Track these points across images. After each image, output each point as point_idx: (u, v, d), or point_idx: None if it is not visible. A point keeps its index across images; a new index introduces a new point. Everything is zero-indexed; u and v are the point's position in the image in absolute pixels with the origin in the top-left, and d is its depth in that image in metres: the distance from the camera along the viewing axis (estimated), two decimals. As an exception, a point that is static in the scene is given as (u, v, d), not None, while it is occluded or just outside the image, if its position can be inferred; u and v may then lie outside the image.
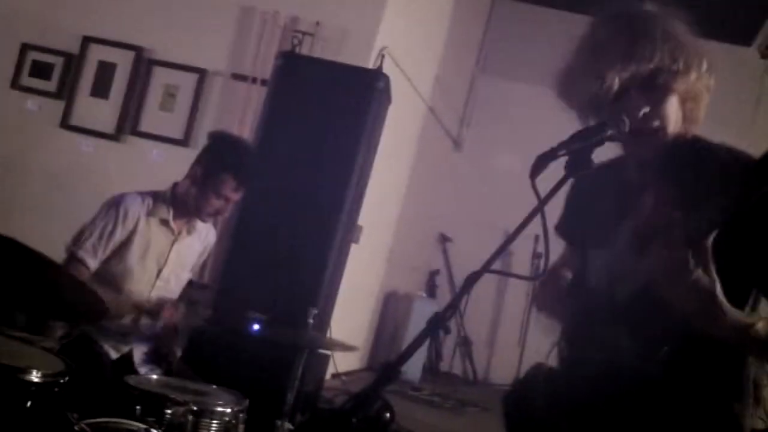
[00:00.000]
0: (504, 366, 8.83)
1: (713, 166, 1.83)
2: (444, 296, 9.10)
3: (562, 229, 2.25)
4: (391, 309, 8.74)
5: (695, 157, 1.90)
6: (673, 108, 1.90)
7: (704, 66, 1.92)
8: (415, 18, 7.13)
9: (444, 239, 9.72)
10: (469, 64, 9.91)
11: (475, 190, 9.60)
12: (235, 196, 3.65)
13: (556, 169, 1.71)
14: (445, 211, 9.75)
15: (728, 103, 8.30)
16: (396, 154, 7.33)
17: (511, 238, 1.59)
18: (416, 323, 7.83)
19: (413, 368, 8.15)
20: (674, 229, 1.63)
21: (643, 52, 1.83)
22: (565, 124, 2.01)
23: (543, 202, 1.55)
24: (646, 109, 1.86)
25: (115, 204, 3.55)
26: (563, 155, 1.62)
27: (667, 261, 1.62)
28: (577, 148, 1.64)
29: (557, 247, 2.31)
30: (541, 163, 1.60)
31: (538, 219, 1.78)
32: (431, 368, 9.01)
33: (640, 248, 1.74)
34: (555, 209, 2.26)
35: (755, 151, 1.52)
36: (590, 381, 1.94)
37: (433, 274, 9.70)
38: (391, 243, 8.16)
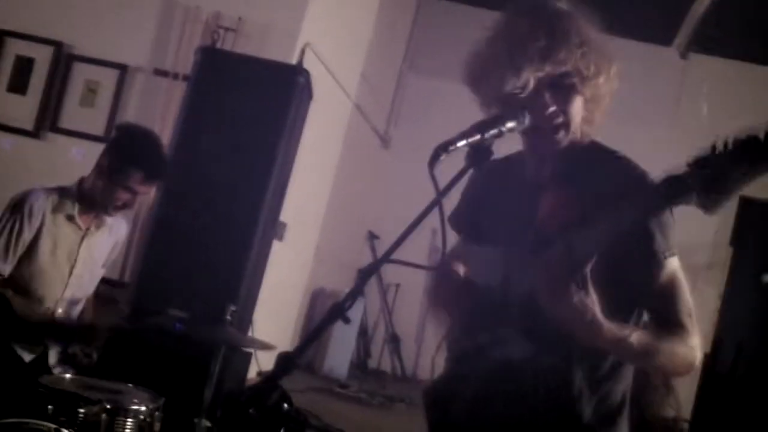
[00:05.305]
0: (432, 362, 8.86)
1: (608, 177, 1.87)
2: (373, 294, 9.10)
3: (455, 220, 2.23)
4: (318, 306, 8.70)
5: (592, 164, 1.93)
6: (577, 109, 1.92)
7: (612, 70, 1.94)
8: (339, 14, 7.12)
9: (372, 237, 9.71)
10: (397, 62, 9.94)
11: (402, 188, 9.56)
12: (144, 189, 3.60)
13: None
14: (373, 209, 9.76)
15: (649, 103, 8.53)
16: (321, 151, 7.32)
17: (407, 232, 1.60)
18: (344, 321, 7.82)
19: (340, 365, 8.14)
20: (565, 244, 1.69)
21: (558, 55, 1.83)
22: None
23: (441, 193, 1.56)
24: (553, 108, 1.88)
25: (19, 202, 3.48)
26: (463, 146, 1.63)
27: (551, 281, 1.70)
28: (477, 139, 1.66)
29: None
30: (438, 152, 1.61)
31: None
32: (359, 365, 9.03)
33: (535, 249, 1.77)
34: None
35: (676, 149, 1.57)
36: (485, 376, 1.96)
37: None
38: (318, 240, 8.14)
